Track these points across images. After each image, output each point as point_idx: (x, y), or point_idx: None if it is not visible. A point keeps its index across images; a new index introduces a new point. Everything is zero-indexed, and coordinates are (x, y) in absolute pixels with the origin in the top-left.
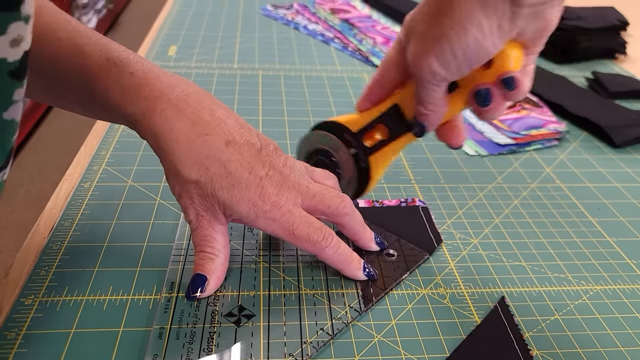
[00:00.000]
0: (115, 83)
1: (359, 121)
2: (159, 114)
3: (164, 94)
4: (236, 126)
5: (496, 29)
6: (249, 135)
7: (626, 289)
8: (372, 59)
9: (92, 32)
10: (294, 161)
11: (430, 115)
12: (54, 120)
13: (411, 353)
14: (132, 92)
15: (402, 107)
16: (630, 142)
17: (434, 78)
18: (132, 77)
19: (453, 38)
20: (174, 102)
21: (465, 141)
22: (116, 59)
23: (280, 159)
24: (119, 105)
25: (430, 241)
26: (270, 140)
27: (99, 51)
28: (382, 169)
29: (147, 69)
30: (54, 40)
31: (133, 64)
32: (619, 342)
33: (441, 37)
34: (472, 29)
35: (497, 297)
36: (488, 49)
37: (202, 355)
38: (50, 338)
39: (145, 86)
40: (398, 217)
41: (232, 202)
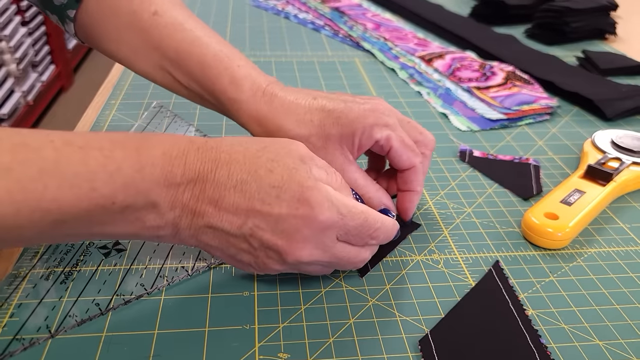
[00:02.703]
0: (224, 71)
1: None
2: (265, 103)
3: (263, 86)
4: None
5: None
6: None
7: (620, 251)
8: (363, 44)
9: (208, 27)
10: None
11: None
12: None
13: (406, 315)
14: (238, 82)
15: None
16: (622, 115)
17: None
18: (239, 69)
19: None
20: (277, 94)
21: (457, 117)
22: (228, 52)
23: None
24: (225, 90)
25: (530, 188)
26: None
27: (215, 43)
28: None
29: (250, 66)
30: (180, 30)
31: (239, 59)
32: (614, 301)
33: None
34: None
35: (492, 261)
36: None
37: (61, 277)
38: None
39: (249, 77)
40: (507, 168)
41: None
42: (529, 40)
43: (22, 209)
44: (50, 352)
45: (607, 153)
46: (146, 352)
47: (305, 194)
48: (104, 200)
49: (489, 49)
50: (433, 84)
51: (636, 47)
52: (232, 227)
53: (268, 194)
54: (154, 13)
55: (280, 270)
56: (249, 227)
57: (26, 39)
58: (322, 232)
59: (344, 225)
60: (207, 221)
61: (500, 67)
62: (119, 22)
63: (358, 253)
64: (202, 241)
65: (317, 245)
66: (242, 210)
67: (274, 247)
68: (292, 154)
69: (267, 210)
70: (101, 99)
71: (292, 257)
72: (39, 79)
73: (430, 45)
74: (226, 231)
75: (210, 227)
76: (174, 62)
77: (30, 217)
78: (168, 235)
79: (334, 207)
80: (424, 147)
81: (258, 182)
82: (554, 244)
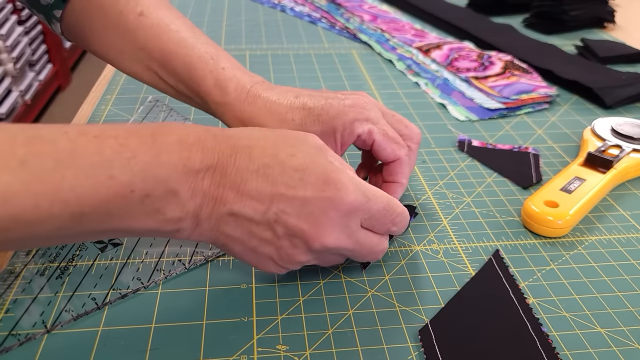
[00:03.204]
0: (209, 73)
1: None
2: (249, 104)
3: (247, 87)
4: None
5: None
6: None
7: (621, 238)
8: (360, 36)
9: (194, 27)
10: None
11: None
12: None
13: (405, 305)
14: (222, 84)
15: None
16: (621, 102)
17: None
18: (224, 71)
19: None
20: (261, 94)
21: (456, 107)
22: (213, 53)
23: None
24: (210, 93)
25: (530, 177)
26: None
27: (200, 44)
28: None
29: (236, 66)
30: (166, 31)
31: (225, 60)
32: (616, 288)
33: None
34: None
35: (492, 251)
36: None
37: (57, 272)
38: None
39: (234, 79)
40: (506, 157)
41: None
42: (527, 30)
43: (41, 201)
44: (47, 347)
45: (607, 140)
46: (143, 345)
47: (330, 176)
48: (122, 189)
49: (487, 39)
50: (431, 74)
51: (635, 34)
52: (256, 213)
53: (292, 177)
54: (140, 14)
55: (302, 262)
56: (274, 212)
57: (23, 38)
58: (348, 215)
59: (368, 208)
60: (229, 208)
61: (499, 56)
62: (105, 22)
63: (380, 241)
64: (224, 232)
65: (343, 229)
66: (265, 195)
67: (300, 232)
68: (309, 143)
69: (292, 194)
70: (97, 94)
71: (318, 242)
72: (36, 78)
73: (427, 36)
74: (249, 218)
75: (233, 214)
76: (160, 63)
77: (50, 210)
78: (188, 229)
79: (359, 189)
80: (409, 141)
81: (281, 165)
82: (555, 232)
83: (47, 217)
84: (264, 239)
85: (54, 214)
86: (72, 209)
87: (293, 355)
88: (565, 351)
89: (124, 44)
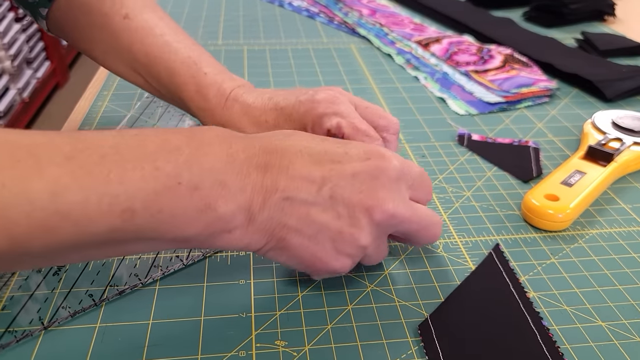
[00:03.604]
0: (191, 79)
1: None
2: (227, 109)
3: (227, 92)
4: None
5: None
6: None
7: (622, 232)
8: (359, 30)
9: (178, 30)
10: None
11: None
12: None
13: (405, 300)
14: (203, 91)
15: None
16: (622, 95)
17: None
18: (206, 77)
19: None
20: (238, 99)
21: (455, 101)
22: (196, 58)
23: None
24: (191, 99)
25: (530, 170)
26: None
27: (184, 48)
28: None
29: (217, 71)
30: (150, 35)
31: (207, 65)
32: (616, 281)
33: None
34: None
35: (492, 245)
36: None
37: (53, 269)
38: None
39: (214, 85)
40: (506, 151)
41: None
42: (527, 24)
43: (90, 195)
44: (44, 344)
45: (607, 134)
46: (141, 342)
47: (369, 147)
48: (169, 180)
49: (487, 32)
50: (430, 68)
51: (635, 27)
52: (310, 194)
53: (335, 153)
54: (125, 17)
55: (363, 245)
56: (328, 188)
57: (20, 36)
58: (397, 180)
59: (409, 172)
60: (282, 194)
61: (498, 50)
62: (90, 23)
63: (432, 212)
64: (280, 222)
65: (397, 195)
66: (315, 174)
67: (359, 204)
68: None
69: (340, 168)
70: (94, 90)
71: (379, 211)
72: (34, 75)
73: (427, 30)
74: (305, 200)
75: (287, 199)
76: (144, 66)
77: (99, 205)
78: (241, 226)
79: (395, 156)
80: (385, 132)
81: (321, 145)
82: (555, 226)
83: (97, 215)
84: (323, 223)
85: (103, 210)
86: (121, 204)
87: (292, 350)
88: (566, 345)
89: (109, 45)
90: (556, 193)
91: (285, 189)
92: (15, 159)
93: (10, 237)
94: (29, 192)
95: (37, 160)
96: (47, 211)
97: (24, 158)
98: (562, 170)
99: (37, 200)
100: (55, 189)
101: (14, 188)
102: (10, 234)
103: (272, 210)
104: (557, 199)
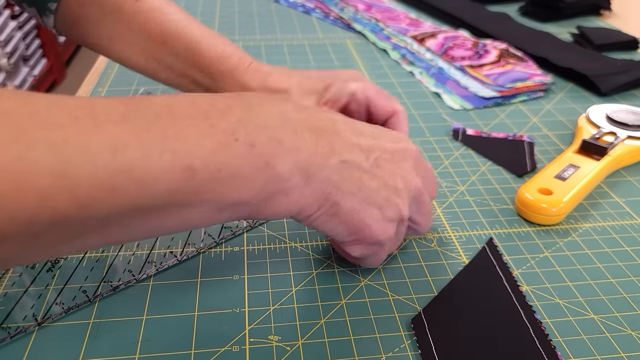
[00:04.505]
0: (213, 47)
1: None
2: (249, 73)
3: (248, 61)
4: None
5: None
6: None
7: (615, 225)
8: (355, 26)
9: (188, 14)
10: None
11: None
12: None
13: (398, 294)
14: (226, 57)
15: None
16: (617, 90)
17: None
18: (225, 46)
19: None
20: (258, 68)
21: (450, 96)
22: (213, 34)
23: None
24: (212, 64)
25: (524, 165)
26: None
27: (197, 27)
28: None
29: (235, 46)
30: (165, 14)
31: (224, 43)
32: (609, 275)
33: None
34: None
35: (485, 239)
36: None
37: (47, 265)
38: None
39: (235, 53)
40: (501, 145)
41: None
42: (523, 18)
43: (150, 151)
44: (37, 340)
45: (601, 128)
46: (135, 337)
47: (396, 133)
48: (225, 137)
49: (483, 27)
50: (425, 63)
51: (631, 22)
52: (362, 159)
53: (372, 131)
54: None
55: (404, 214)
56: (374, 158)
57: (16, 33)
58: (417, 167)
59: (423, 164)
60: (339, 157)
61: (494, 44)
62: (101, 11)
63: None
64: (336, 184)
65: (417, 175)
66: (363, 143)
67: (400, 177)
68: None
69: (380, 143)
70: (88, 87)
71: (414, 186)
72: (30, 73)
73: (422, 25)
74: (359, 165)
75: (345, 162)
76: (159, 43)
77: (160, 162)
78: (299, 186)
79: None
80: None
81: (358, 124)
82: (548, 220)
83: (159, 172)
84: (373, 189)
85: (165, 167)
86: (182, 161)
87: (285, 345)
88: (558, 338)
89: (120, 29)
90: (550, 187)
91: (341, 151)
92: (73, 116)
93: (76, 199)
94: (91, 148)
95: (94, 119)
96: (109, 169)
97: (82, 116)
98: (556, 164)
99: (99, 157)
100: (115, 145)
101: (76, 145)
102: (75, 195)
103: (329, 171)
104: (550, 193)
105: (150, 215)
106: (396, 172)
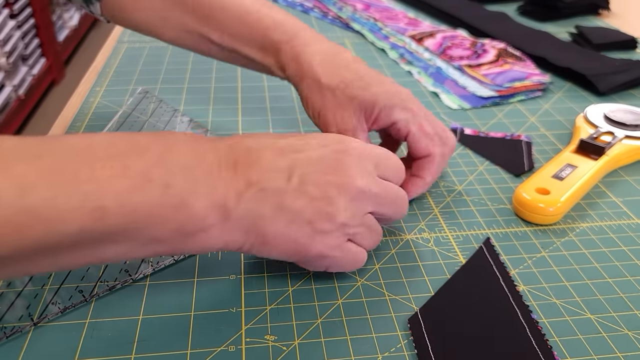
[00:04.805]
0: (265, 17)
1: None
2: (300, 44)
3: (304, 32)
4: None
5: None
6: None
7: (612, 225)
8: (353, 25)
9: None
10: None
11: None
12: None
13: (395, 294)
14: (279, 25)
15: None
16: (615, 89)
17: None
18: (278, 14)
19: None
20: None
21: (448, 96)
22: (263, 2)
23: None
24: (265, 35)
25: (522, 165)
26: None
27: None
28: None
29: (285, 12)
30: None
31: (277, 12)
32: (606, 274)
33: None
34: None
35: (482, 239)
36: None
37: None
38: None
39: (289, 20)
40: (499, 145)
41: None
42: (521, 18)
43: (59, 193)
44: (33, 340)
45: (599, 127)
46: (131, 337)
47: (326, 135)
48: (140, 178)
49: (481, 27)
50: (424, 63)
51: (630, 21)
52: (282, 181)
53: (297, 144)
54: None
55: (343, 219)
56: (297, 175)
57: (15, 32)
58: (360, 159)
59: (372, 152)
60: (256, 187)
61: (492, 44)
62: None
63: (399, 188)
64: (257, 214)
65: (364, 172)
66: (282, 164)
67: (330, 184)
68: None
69: (304, 156)
70: (86, 86)
71: (350, 186)
72: (29, 72)
73: (421, 24)
74: (277, 188)
75: (262, 190)
76: (207, 18)
77: (69, 203)
78: (217, 224)
79: (353, 140)
80: (444, 146)
81: (283, 139)
82: (546, 219)
83: (67, 213)
84: (298, 208)
85: (73, 208)
86: (92, 202)
87: (281, 345)
88: (554, 338)
89: (166, 7)
90: (547, 187)
91: (258, 181)
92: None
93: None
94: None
95: (5, 159)
96: (14, 209)
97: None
98: (554, 164)
99: (4, 197)
100: (22, 186)
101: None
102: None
103: (247, 203)
104: (548, 192)
105: (60, 253)
106: (326, 180)
